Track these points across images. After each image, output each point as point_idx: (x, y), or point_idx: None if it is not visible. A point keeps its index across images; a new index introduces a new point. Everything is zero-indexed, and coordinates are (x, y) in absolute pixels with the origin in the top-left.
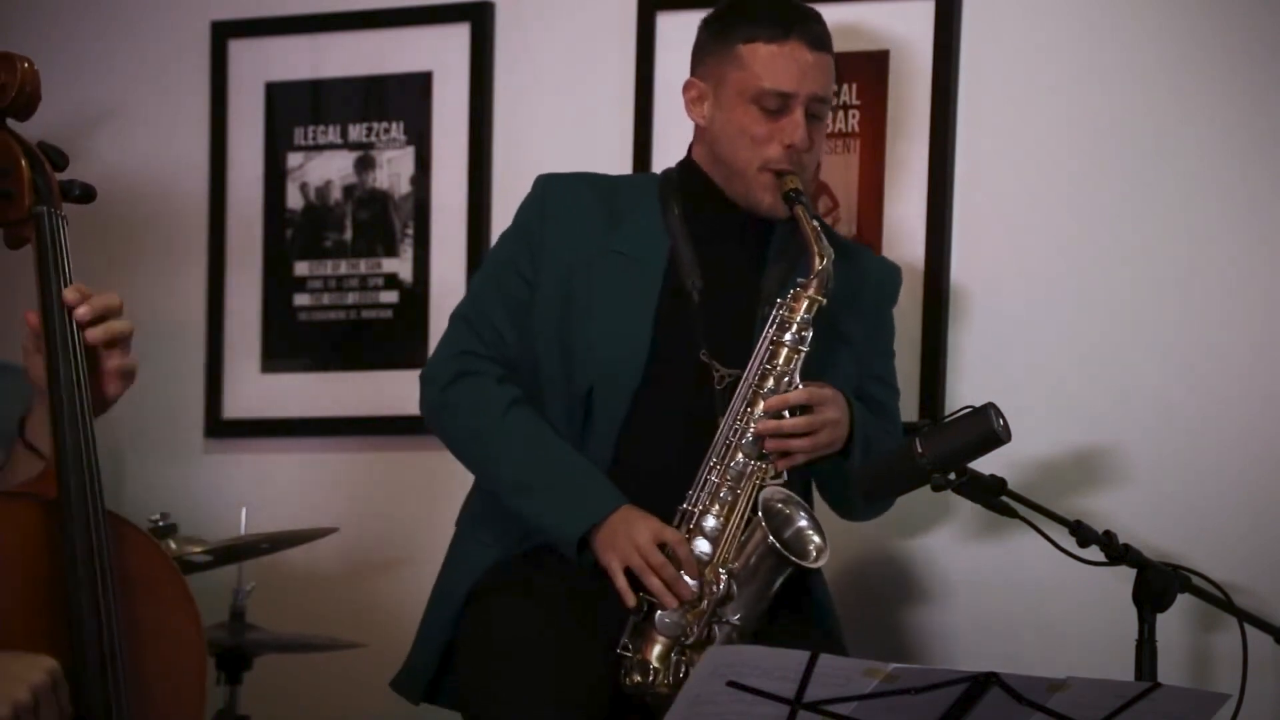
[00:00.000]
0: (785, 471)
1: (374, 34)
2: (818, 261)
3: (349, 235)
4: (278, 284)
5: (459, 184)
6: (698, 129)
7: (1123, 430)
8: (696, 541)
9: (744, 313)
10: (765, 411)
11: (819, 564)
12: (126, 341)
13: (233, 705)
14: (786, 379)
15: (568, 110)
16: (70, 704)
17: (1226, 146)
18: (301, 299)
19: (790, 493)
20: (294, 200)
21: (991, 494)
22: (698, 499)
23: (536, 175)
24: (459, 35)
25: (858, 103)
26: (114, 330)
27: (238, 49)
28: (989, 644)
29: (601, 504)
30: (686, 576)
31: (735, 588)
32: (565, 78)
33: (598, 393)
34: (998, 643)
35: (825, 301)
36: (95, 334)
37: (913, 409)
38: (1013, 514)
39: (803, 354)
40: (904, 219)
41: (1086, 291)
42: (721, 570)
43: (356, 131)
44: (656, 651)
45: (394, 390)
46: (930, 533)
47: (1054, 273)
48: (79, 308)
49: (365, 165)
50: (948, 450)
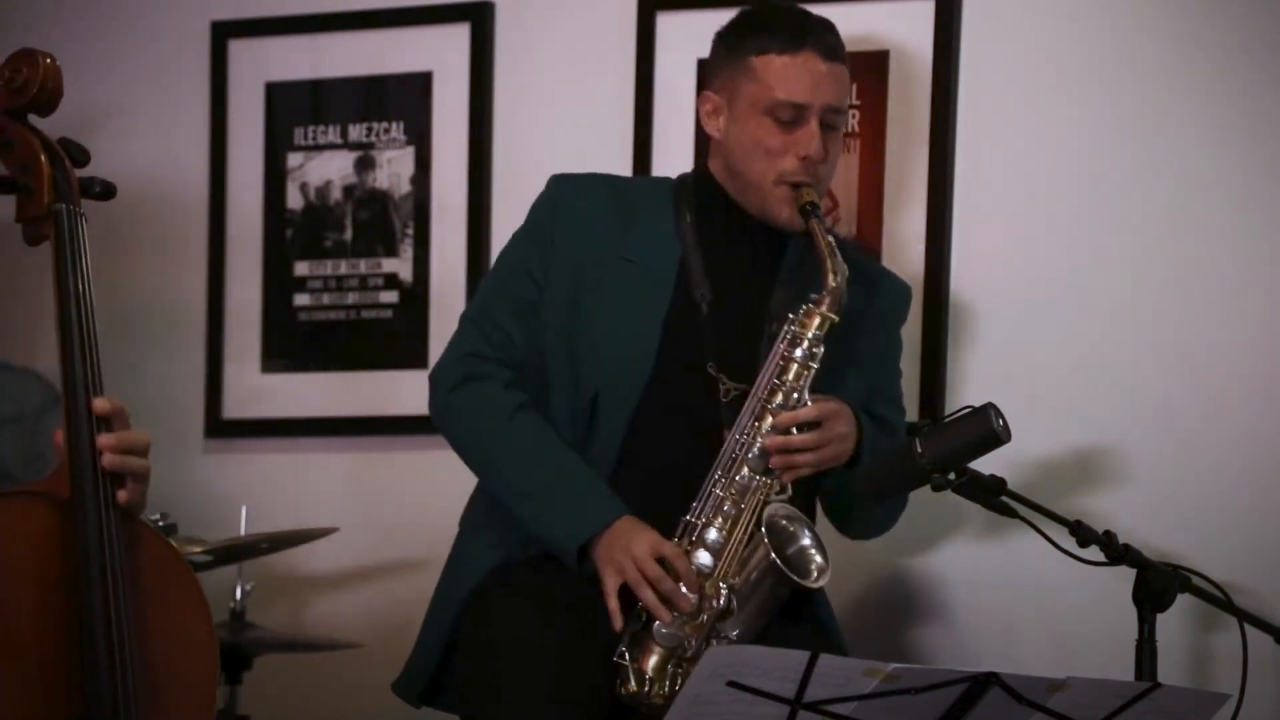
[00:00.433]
0: (790, 487)
1: (374, 34)
2: (831, 279)
3: (349, 235)
4: (278, 284)
5: (459, 184)
6: (713, 142)
7: (1123, 430)
8: (698, 554)
9: (751, 327)
10: (774, 428)
11: (819, 584)
12: (141, 480)
13: (233, 705)
14: (795, 395)
15: (568, 110)
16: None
17: (1226, 147)
18: (301, 299)
19: (795, 510)
20: (294, 200)
21: (991, 494)
22: (701, 511)
23: (550, 175)
24: (459, 35)
25: (858, 103)
26: (131, 466)
27: (238, 49)
28: (989, 644)
29: (601, 514)
30: (684, 588)
31: (735, 603)
32: (565, 78)
33: (603, 397)
34: (998, 643)
35: (837, 319)
36: (113, 462)
37: (913, 409)
38: (1013, 514)
39: (813, 370)
40: (904, 219)
41: (1086, 291)
42: (722, 585)
43: (356, 131)
44: (653, 662)
45: (394, 390)
46: (930, 532)
47: (1054, 272)
48: (103, 436)
49: (365, 165)
50: (948, 450)
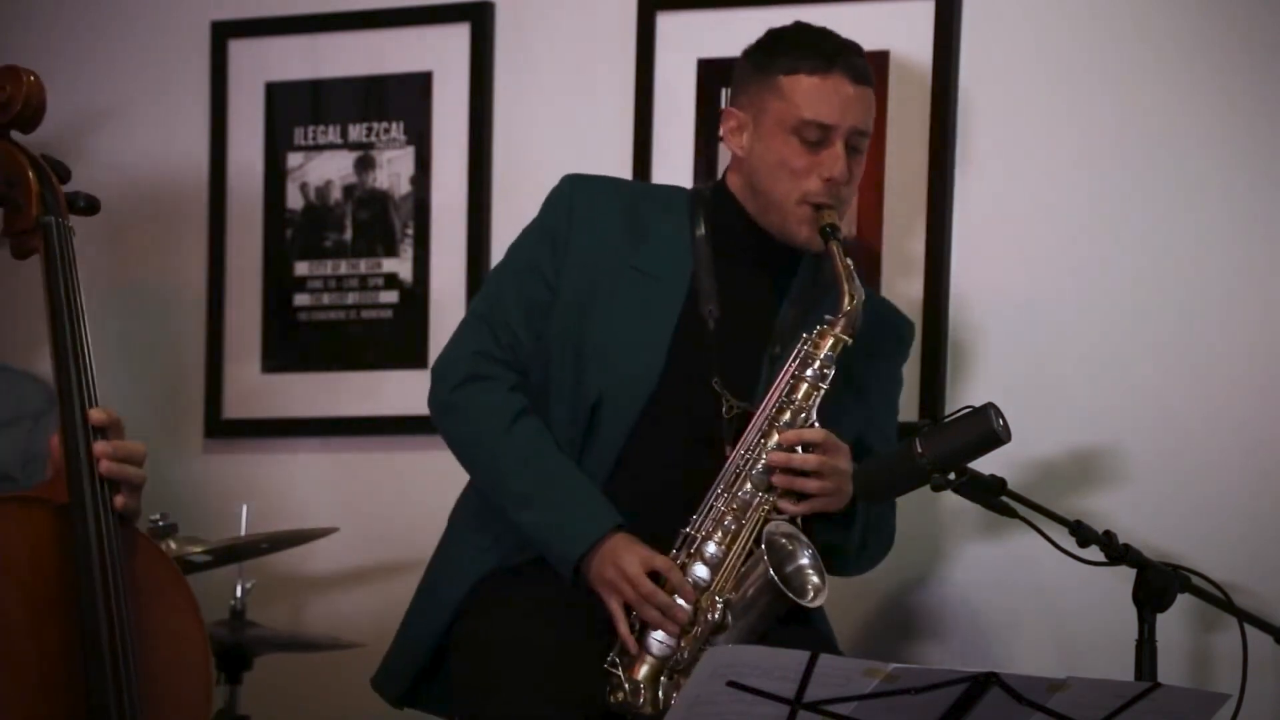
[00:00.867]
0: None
1: (374, 34)
2: (847, 301)
3: (349, 235)
4: (278, 284)
5: (459, 184)
6: (735, 159)
7: (1123, 430)
8: (695, 567)
9: (755, 348)
10: (781, 445)
11: (816, 603)
12: (135, 490)
13: (233, 705)
14: (803, 415)
15: (568, 110)
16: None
17: (1227, 146)
18: (301, 299)
19: (795, 528)
20: (294, 200)
21: (991, 494)
22: (701, 524)
23: (564, 174)
24: (459, 35)
25: None
26: (127, 474)
27: (238, 49)
28: (989, 644)
29: (597, 526)
30: (680, 600)
31: (730, 618)
32: (565, 78)
33: (605, 405)
34: (998, 643)
35: (851, 341)
36: (110, 469)
37: (913, 409)
38: (1013, 514)
39: (822, 391)
40: (904, 219)
41: (1086, 291)
42: (718, 599)
43: (356, 131)
44: (644, 672)
45: (394, 390)
46: (930, 533)
47: (1054, 272)
48: (99, 443)
49: (365, 165)
50: (948, 450)
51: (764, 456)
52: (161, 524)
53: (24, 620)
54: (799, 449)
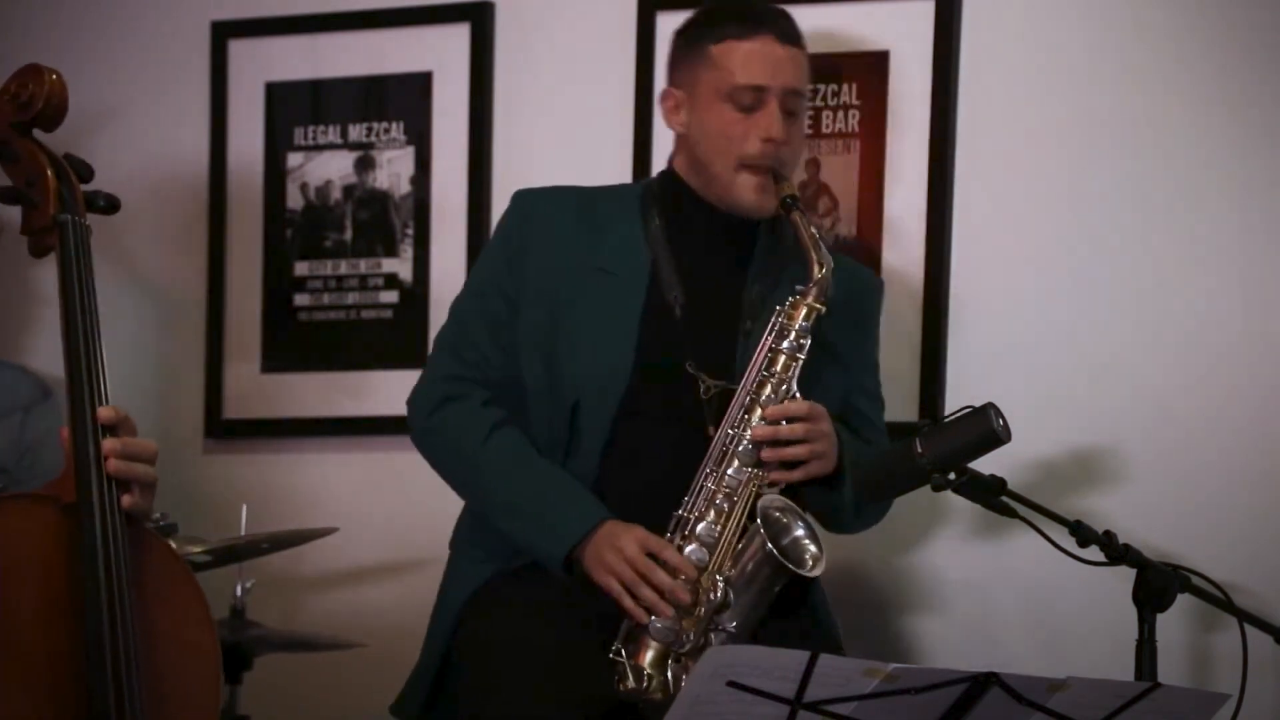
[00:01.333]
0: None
1: (374, 34)
2: (817, 270)
3: (349, 235)
4: (278, 284)
5: (459, 184)
6: (677, 139)
7: (1123, 430)
8: (691, 548)
9: (727, 324)
10: (765, 419)
11: (815, 573)
12: (147, 490)
13: (233, 705)
14: (784, 387)
15: (568, 110)
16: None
17: (1227, 146)
18: (301, 299)
19: (788, 501)
20: (294, 200)
21: (991, 494)
22: (694, 505)
23: (514, 191)
24: (459, 35)
25: (858, 103)
26: (136, 472)
27: (238, 49)
28: (989, 644)
29: (583, 522)
30: (682, 577)
31: (731, 595)
32: (565, 78)
33: (583, 405)
34: (998, 643)
35: (824, 309)
36: (118, 468)
37: (913, 409)
38: (1013, 514)
39: (800, 361)
40: (904, 219)
41: (1086, 291)
42: (718, 577)
43: (356, 131)
44: (650, 657)
45: (394, 390)
46: (930, 533)
47: (1054, 272)
48: (112, 441)
49: (365, 165)
50: (948, 450)
51: (749, 433)
52: (161, 524)
53: (32, 618)
54: (783, 422)
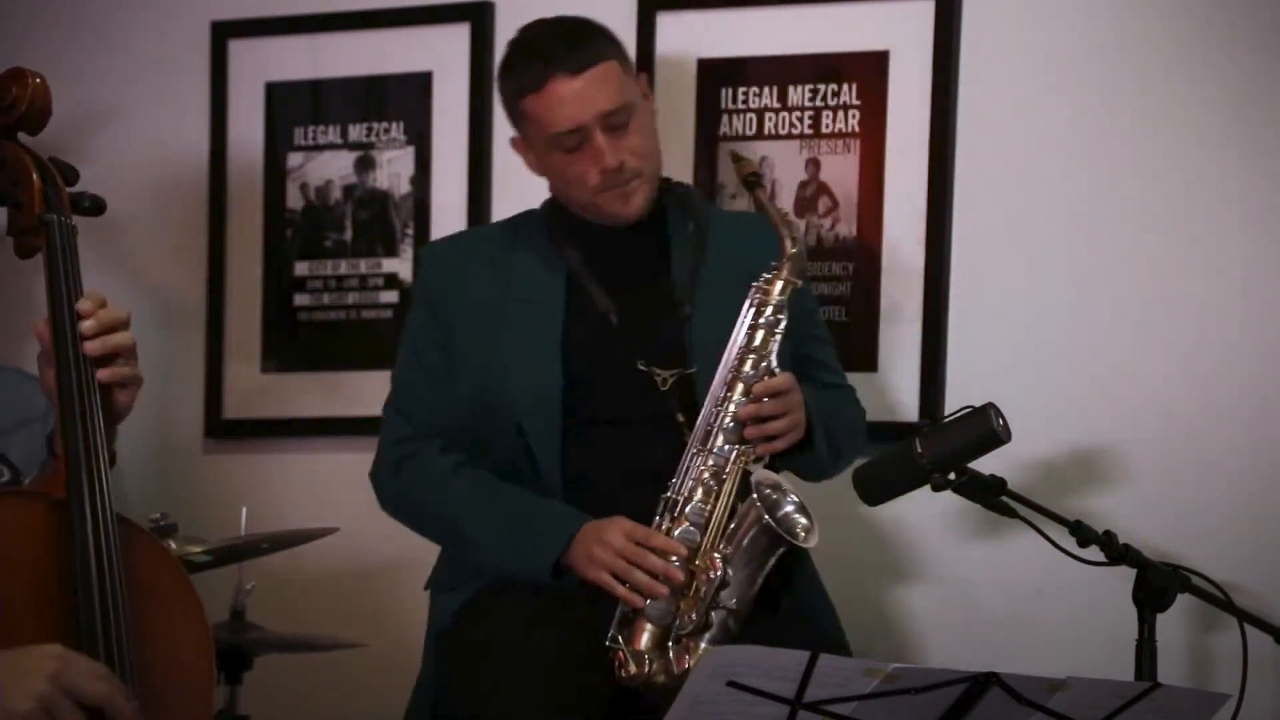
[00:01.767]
0: (766, 456)
1: (374, 34)
2: (788, 245)
3: (349, 235)
4: (278, 284)
5: (459, 184)
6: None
7: (1123, 430)
8: (681, 529)
9: (667, 318)
10: (751, 396)
11: (810, 543)
12: (129, 354)
13: (233, 705)
14: (764, 362)
15: None
16: (96, 664)
17: (1228, 146)
18: (301, 299)
19: (779, 478)
20: (294, 200)
21: (991, 494)
22: (681, 486)
23: (424, 246)
24: (459, 35)
25: (858, 103)
26: (111, 344)
27: (238, 49)
28: (989, 644)
29: (563, 531)
30: (674, 558)
31: (730, 572)
32: None
33: (526, 426)
34: (998, 643)
35: (800, 284)
36: (93, 347)
37: (913, 409)
38: (1013, 514)
39: (779, 337)
40: (904, 218)
41: (1087, 291)
42: (716, 555)
43: (356, 131)
44: (646, 640)
45: None
46: (930, 533)
47: (1054, 272)
48: (86, 320)
49: (365, 165)
50: (948, 450)
51: (732, 409)
52: (161, 524)
53: (22, 616)
54: (765, 399)
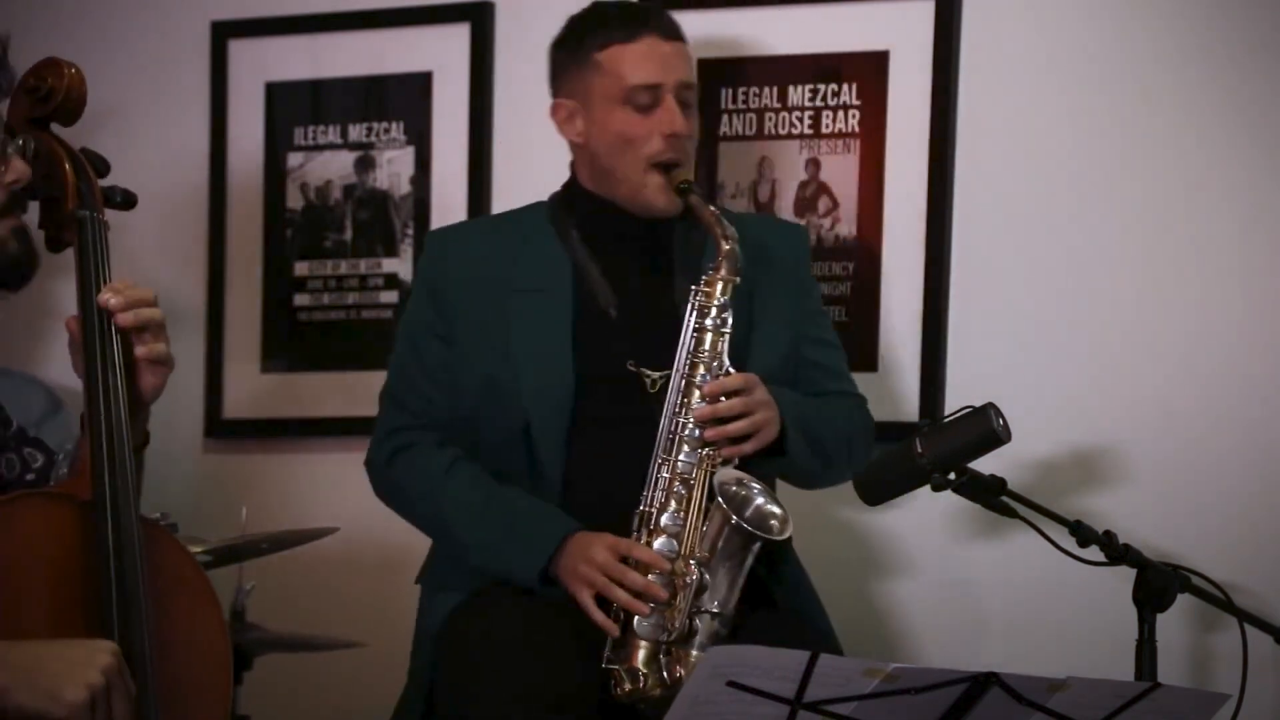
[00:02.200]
0: (735, 459)
1: (374, 34)
2: (723, 244)
3: (349, 235)
4: (278, 284)
5: (459, 184)
6: (575, 149)
7: (1123, 430)
8: (659, 541)
9: (664, 318)
10: (704, 397)
11: (785, 535)
12: (159, 329)
13: (233, 705)
14: (716, 364)
15: None
16: (133, 683)
17: (1228, 146)
18: (301, 299)
19: (742, 474)
20: (294, 200)
21: (991, 494)
22: (652, 498)
23: (427, 234)
24: (459, 35)
25: (858, 103)
26: (144, 316)
27: (238, 49)
28: (989, 644)
29: (551, 536)
30: (654, 575)
31: (707, 576)
32: None
33: (535, 427)
34: (998, 643)
35: (739, 280)
36: (126, 318)
37: (913, 409)
38: (1013, 514)
39: (726, 336)
40: (904, 219)
41: (1087, 291)
42: (691, 562)
43: (356, 131)
44: (641, 656)
45: None
46: (930, 533)
47: (1054, 272)
48: (113, 297)
49: (365, 165)
50: (948, 450)
51: (691, 415)
52: (161, 524)
53: (47, 616)
54: (722, 399)
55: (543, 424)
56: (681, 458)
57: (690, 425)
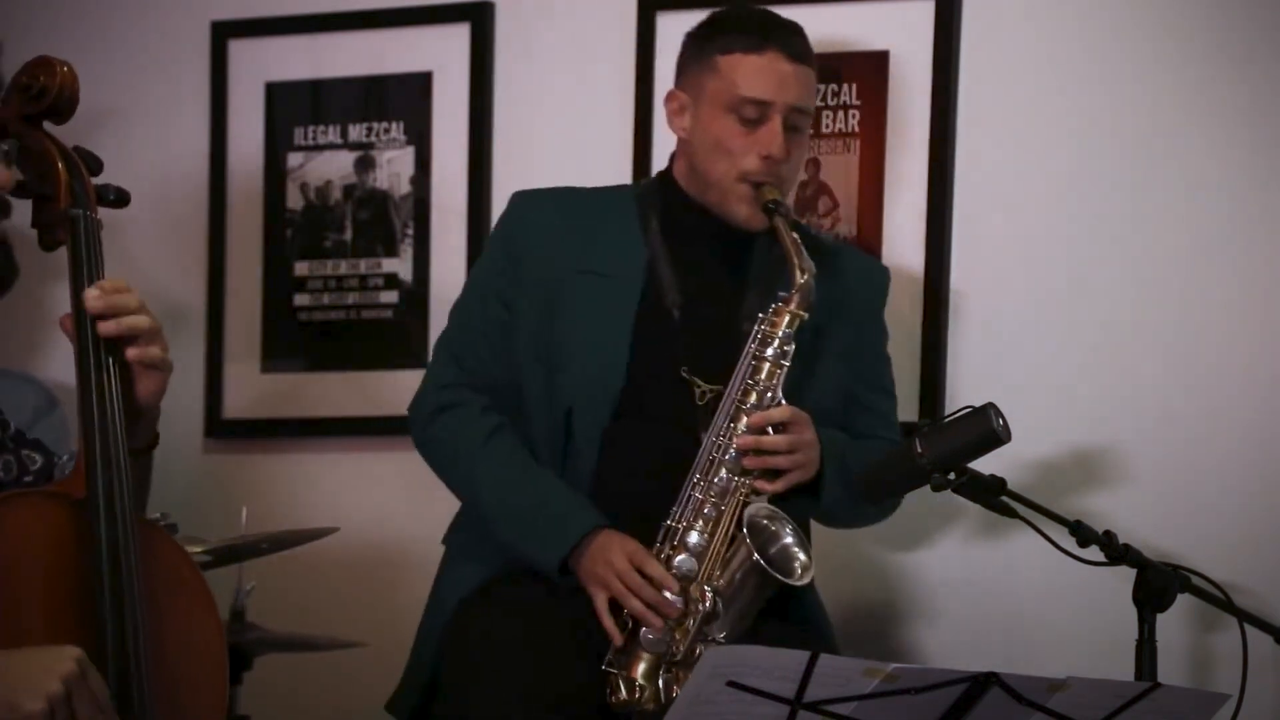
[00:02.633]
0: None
1: (374, 34)
2: (798, 276)
3: (349, 235)
4: (278, 284)
5: (459, 184)
6: (679, 142)
7: (1123, 430)
8: (680, 558)
9: (726, 329)
10: (748, 427)
11: (804, 581)
12: (151, 335)
13: (233, 705)
14: (769, 395)
15: (568, 110)
16: (105, 686)
17: (1227, 145)
18: (301, 299)
19: (776, 508)
20: (294, 200)
21: (991, 494)
22: (681, 515)
23: (511, 193)
24: (459, 35)
25: (858, 103)
26: (127, 324)
27: (238, 49)
28: (989, 644)
29: (578, 527)
30: (668, 592)
31: (720, 605)
32: (565, 78)
33: (577, 411)
34: (998, 643)
35: (807, 316)
36: (109, 328)
37: (913, 409)
38: (1013, 514)
39: (785, 369)
40: (904, 219)
41: (1087, 291)
42: (706, 588)
43: (356, 131)
44: (642, 669)
45: (394, 390)
46: (930, 533)
47: (1054, 272)
48: (95, 301)
49: (365, 165)
50: (948, 450)
51: (734, 441)
52: (161, 524)
53: (41, 615)
54: (768, 430)
55: (585, 411)
56: (717, 480)
57: (732, 451)
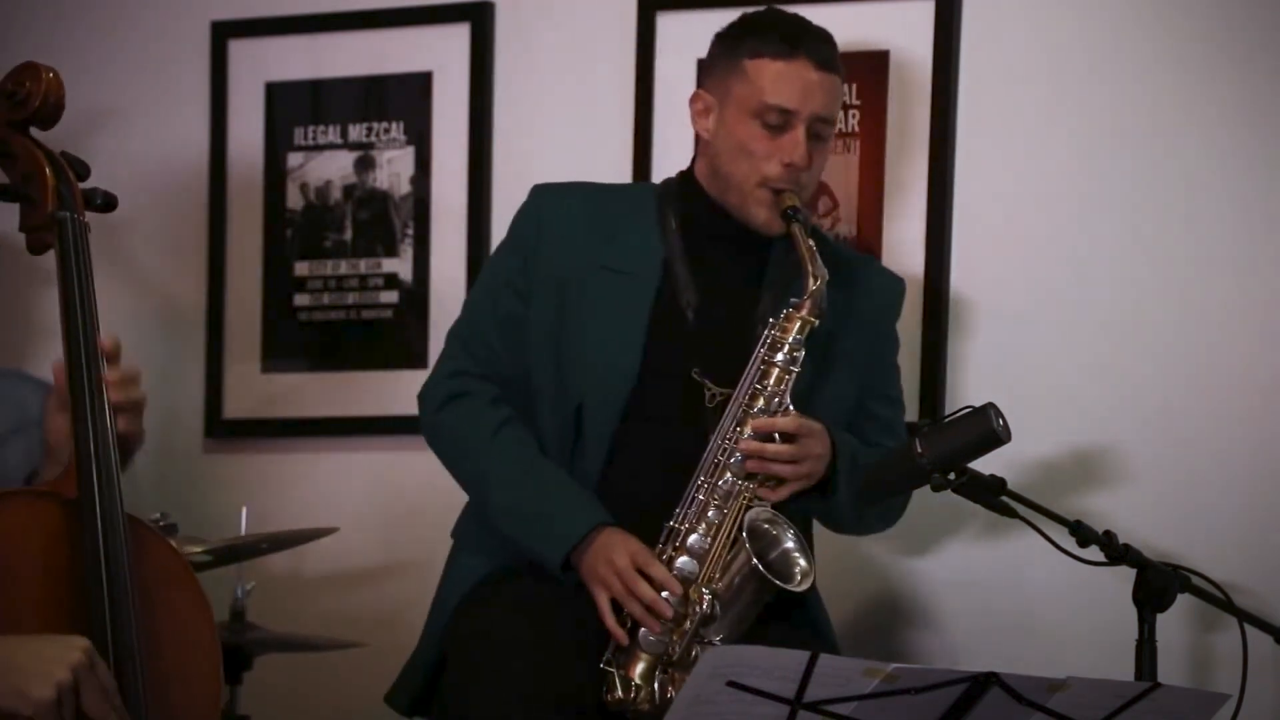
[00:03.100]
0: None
1: (374, 34)
2: (811, 282)
3: (349, 235)
4: (278, 284)
5: (459, 184)
6: (701, 142)
7: (1123, 430)
8: (681, 559)
9: (739, 332)
10: (753, 432)
11: (803, 588)
12: (138, 409)
13: (233, 705)
14: (777, 400)
15: (568, 110)
16: (111, 677)
17: (1227, 147)
18: (301, 299)
19: (778, 513)
20: (294, 200)
21: (991, 494)
22: (685, 516)
23: (532, 185)
24: (459, 35)
25: (858, 103)
26: (134, 398)
27: (238, 49)
28: (989, 644)
29: (583, 524)
30: (668, 594)
31: (718, 608)
32: (565, 78)
33: (587, 408)
34: (998, 643)
35: (818, 322)
36: (118, 399)
37: (913, 409)
38: (1013, 514)
39: (794, 375)
40: (904, 218)
41: (1087, 291)
42: (705, 590)
43: (356, 131)
44: (640, 669)
45: (394, 390)
46: (930, 533)
47: (1054, 272)
48: (116, 394)
49: (365, 165)
50: (948, 450)
51: (740, 445)
52: (161, 524)
53: (33, 615)
54: (775, 436)
55: (595, 408)
56: (722, 483)
57: (737, 454)
